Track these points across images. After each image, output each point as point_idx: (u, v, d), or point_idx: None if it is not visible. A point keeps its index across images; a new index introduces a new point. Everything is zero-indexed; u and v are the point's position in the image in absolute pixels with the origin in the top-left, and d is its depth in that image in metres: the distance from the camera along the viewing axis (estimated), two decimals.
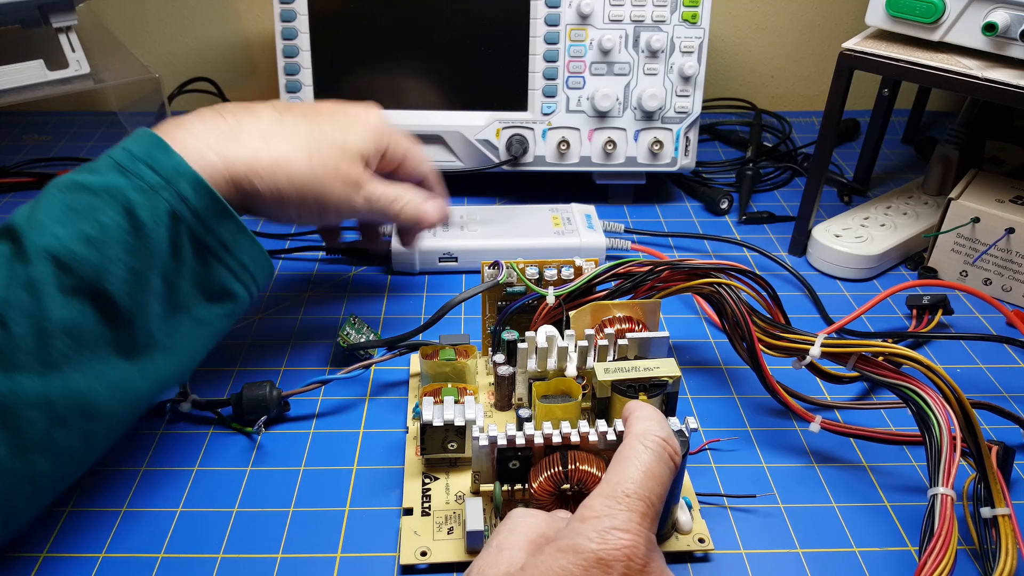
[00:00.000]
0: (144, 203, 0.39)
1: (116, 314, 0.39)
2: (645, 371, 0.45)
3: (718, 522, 0.44)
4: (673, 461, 0.36)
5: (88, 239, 0.38)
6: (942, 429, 0.41)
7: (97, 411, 0.38)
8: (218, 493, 0.45)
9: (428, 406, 0.45)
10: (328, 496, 0.46)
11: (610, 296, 0.51)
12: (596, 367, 0.46)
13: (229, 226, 0.42)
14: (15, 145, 0.87)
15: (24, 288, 0.37)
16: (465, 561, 0.41)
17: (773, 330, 0.48)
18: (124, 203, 0.39)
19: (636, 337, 0.48)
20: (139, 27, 0.93)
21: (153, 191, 0.40)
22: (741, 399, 0.53)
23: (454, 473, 0.46)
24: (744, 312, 0.48)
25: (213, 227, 0.42)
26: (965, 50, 0.58)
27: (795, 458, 0.49)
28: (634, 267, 0.51)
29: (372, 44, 0.71)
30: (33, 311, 0.37)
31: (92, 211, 0.39)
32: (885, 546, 0.43)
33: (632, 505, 0.33)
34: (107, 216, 0.39)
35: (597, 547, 0.31)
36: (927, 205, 0.72)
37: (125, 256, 0.39)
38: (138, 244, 0.39)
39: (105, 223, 0.38)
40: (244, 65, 0.96)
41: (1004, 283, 0.63)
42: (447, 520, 0.43)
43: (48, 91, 0.67)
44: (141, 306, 0.39)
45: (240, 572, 0.41)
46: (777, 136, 0.90)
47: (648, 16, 0.70)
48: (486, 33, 0.71)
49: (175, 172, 0.40)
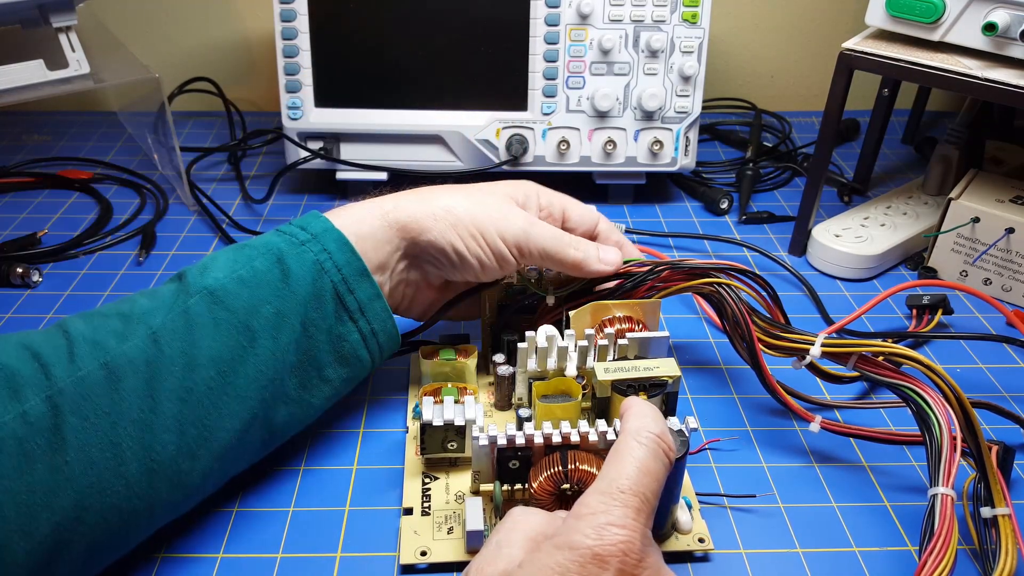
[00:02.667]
0: (292, 253, 0.44)
1: (260, 354, 0.41)
2: (645, 371, 0.45)
3: (718, 522, 0.44)
4: (668, 457, 0.36)
5: (241, 280, 0.42)
6: (942, 429, 0.41)
7: (219, 451, 0.41)
8: (218, 493, 0.45)
9: (428, 406, 0.45)
10: (328, 496, 0.46)
11: (610, 296, 0.51)
12: (596, 367, 0.46)
13: (366, 288, 0.45)
14: (15, 145, 0.87)
15: (181, 316, 0.40)
16: (465, 561, 0.41)
17: (773, 330, 0.48)
18: (276, 253, 0.44)
19: (636, 337, 0.48)
20: (139, 27, 0.93)
21: (301, 244, 0.44)
22: (741, 399, 0.53)
23: (454, 472, 0.46)
24: (744, 312, 0.48)
25: (353, 286, 0.45)
26: (965, 50, 0.58)
27: (795, 458, 0.49)
28: (634, 267, 0.51)
29: (372, 44, 0.71)
30: (185, 336, 0.40)
31: (248, 260, 0.43)
32: (885, 546, 0.43)
33: (627, 501, 0.33)
34: (260, 262, 0.43)
35: (593, 543, 0.31)
36: (927, 205, 0.72)
37: (273, 298, 0.42)
38: (284, 289, 0.43)
39: (257, 267, 0.43)
40: (244, 65, 0.96)
41: (1004, 283, 0.63)
42: (447, 520, 0.43)
43: (48, 91, 0.67)
44: (282, 350, 0.42)
45: (240, 572, 0.41)
46: (777, 136, 0.90)
47: (648, 16, 0.70)
48: (486, 33, 0.71)
49: (323, 230, 0.45)
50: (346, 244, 0.45)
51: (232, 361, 0.41)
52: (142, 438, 0.37)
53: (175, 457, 0.39)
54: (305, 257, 0.44)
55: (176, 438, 0.39)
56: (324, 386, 0.45)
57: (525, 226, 0.47)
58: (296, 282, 0.43)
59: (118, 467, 0.37)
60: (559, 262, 0.48)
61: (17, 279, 0.64)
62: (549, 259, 0.48)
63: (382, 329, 0.46)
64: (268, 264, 0.43)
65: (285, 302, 0.43)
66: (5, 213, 0.75)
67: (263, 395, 0.42)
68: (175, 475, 0.39)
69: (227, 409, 0.40)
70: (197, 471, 0.40)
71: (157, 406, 0.38)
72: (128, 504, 0.37)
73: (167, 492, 0.39)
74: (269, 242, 0.45)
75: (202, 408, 0.40)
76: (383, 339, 0.47)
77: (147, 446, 0.38)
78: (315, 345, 0.44)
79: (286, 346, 0.42)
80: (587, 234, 0.52)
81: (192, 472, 0.40)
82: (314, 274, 0.44)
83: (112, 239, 0.71)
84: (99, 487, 0.36)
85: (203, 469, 0.40)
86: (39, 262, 0.67)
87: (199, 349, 0.40)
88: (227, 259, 0.44)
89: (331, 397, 0.46)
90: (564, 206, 0.52)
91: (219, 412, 0.40)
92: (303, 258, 0.44)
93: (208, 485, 0.42)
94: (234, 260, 0.43)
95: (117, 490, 0.37)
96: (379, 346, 0.47)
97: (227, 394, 0.40)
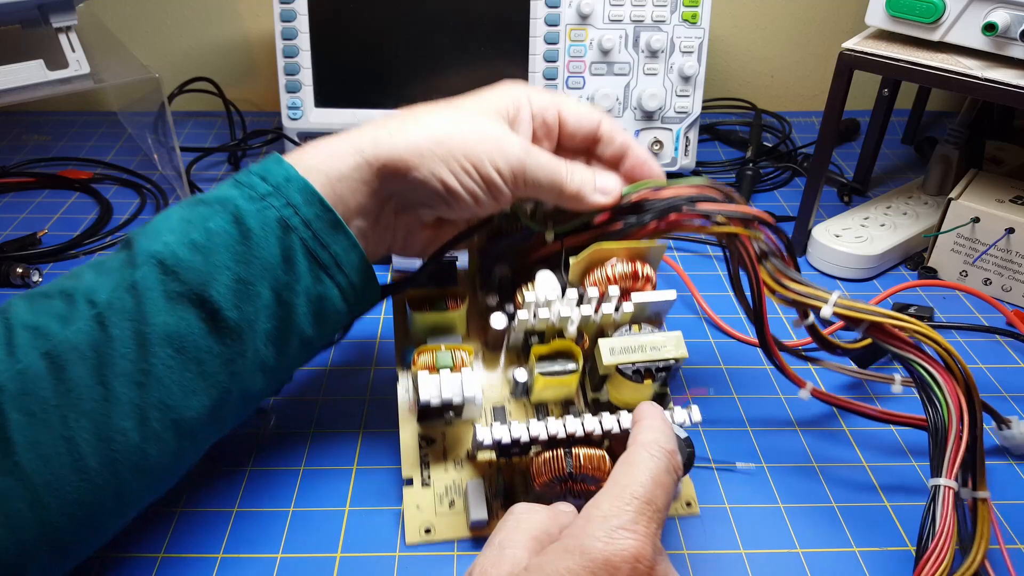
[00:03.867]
0: (252, 210, 0.38)
1: (223, 327, 0.37)
2: (652, 351, 0.42)
3: (718, 522, 0.44)
4: (676, 474, 0.36)
5: (195, 245, 0.37)
6: (951, 413, 0.40)
7: (190, 429, 0.37)
8: (218, 493, 0.45)
9: (425, 382, 0.42)
10: (328, 496, 0.46)
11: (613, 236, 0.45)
12: (600, 346, 0.42)
13: (341, 241, 0.40)
14: (15, 145, 0.87)
15: (128, 291, 0.36)
16: (468, 538, 0.42)
17: (783, 278, 0.43)
18: (233, 211, 0.38)
19: (642, 301, 0.44)
20: (139, 27, 0.93)
21: (262, 198, 0.39)
22: (741, 399, 0.53)
23: (450, 431, 0.46)
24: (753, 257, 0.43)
25: (326, 240, 0.39)
26: (965, 50, 0.58)
27: (795, 458, 0.49)
28: (649, 192, 0.44)
29: (372, 44, 0.71)
30: (135, 314, 0.36)
31: (202, 219, 0.38)
32: (885, 546, 0.43)
33: (640, 508, 0.33)
34: (215, 223, 0.38)
35: (603, 546, 0.31)
36: (927, 205, 0.72)
37: (232, 264, 0.37)
38: (246, 252, 0.38)
39: (212, 229, 0.38)
40: (244, 65, 0.96)
41: (1004, 283, 0.63)
42: (447, 492, 0.44)
43: (48, 91, 0.67)
44: (249, 320, 0.38)
45: (240, 572, 0.41)
46: (777, 136, 0.90)
47: (648, 16, 0.70)
48: (486, 33, 0.71)
49: (285, 179, 0.39)
50: (313, 195, 0.39)
51: (190, 337, 0.37)
52: (97, 429, 0.35)
53: (139, 444, 0.36)
54: (267, 214, 0.38)
55: (136, 424, 0.35)
56: (306, 348, 0.41)
57: (521, 154, 0.41)
58: (259, 244, 0.38)
59: (75, 462, 0.34)
60: (556, 195, 0.43)
61: (17, 279, 0.64)
62: (545, 192, 0.42)
63: (361, 281, 0.42)
64: (224, 224, 0.38)
65: (249, 267, 0.38)
66: (5, 213, 0.75)
67: (233, 369, 0.38)
68: (141, 461, 0.36)
69: (191, 387, 0.37)
70: (167, 453, 0.37)
71: (110, 393, 0.35)
72: (92, 497, 0.35)
73: (135, 480, 0.36)
74: (225, 197, 0.39)
75: (162, 389, 0.36)
76: (363, 292, 0.42)
77: (104, 437, 0.35)
78: (291, 310, 0.39)
79: (253, 316, 0.38)
80: (588, 139, 0.46)
81: (162, 455, 0.37)
82: (279, 233, 0.38)
83: (112, 239, 0.71)
84: (56, 484, 0.34)
85: (173, 451, 0.37)
86: (39, 262, 0.67)
87: (151, 327, 0.36)
88: (179, 219, 0.38)
89: (309, 358, 0.43)
90: (559, 108, 0.45)
91: (183, 391, 0.37)
92: (265, 215, 0.38)
93: (182, 465, 0.39)
94: (187, 221, 0.38)
95: (78, 485, 0.34)
96: (359, 299, 0.42)
97: (189, 372, 0.37)
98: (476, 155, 0.40)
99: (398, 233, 0.44)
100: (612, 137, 0.46)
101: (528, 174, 0.41)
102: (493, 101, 0.43)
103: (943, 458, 0.39)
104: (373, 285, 0.43)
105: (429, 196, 0.41)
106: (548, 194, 0.42)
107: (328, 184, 0.39)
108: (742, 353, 0.57)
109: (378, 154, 0.40)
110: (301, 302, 0.39)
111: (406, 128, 0.40)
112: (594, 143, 0.46)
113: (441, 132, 0.40)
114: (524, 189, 0.42)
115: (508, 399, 0.46)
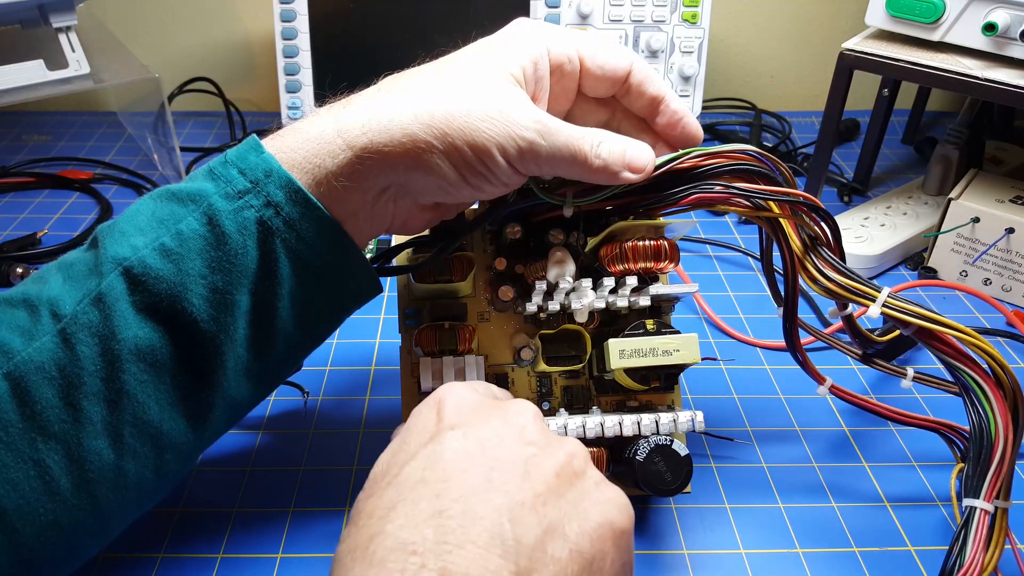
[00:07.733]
0: (228, 210, 0.34)
1: (199, 339, 0.34)
2: (663, 355, 0.41)
3: (717, 522, 0.44)
4: None
5: (165, 250, 0.33)
6: (998, 431, 0.37)
7: (171, 442, 0.35)
8: (218, 493, 0.45)
9: (427, 371, 0.41)
10: (328, 496, 0.46)
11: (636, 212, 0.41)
12: (610, 346, 0.41)
13: (330, 238, 0.36)
14: (15, 145, 0.87)
15: (93, 304, 0.33)
16: None
17: (828, 267, 0.39)
18: (207, 211, 0.34)
19: (663, 294, 0.42)
20: (139, 27, 0.93)
21: (239, 196, 0.34)
22: (741, 399, 0.53)
23: None
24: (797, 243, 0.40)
25: (313, 241, 0.35)
26: (965, 50, 0.58)
27: (795, 458, 0.49)
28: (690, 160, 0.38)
29: (372, 44, 0.71)
30: (102, 329, 0.33)
31: (174, 220, 0.34)
32: (885, 546, 0.43)
33: None
34: (187, 224, 0.34)
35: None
36: (927, 205, 0.72)
37: (207, 272, 0.34)
38: (221, 258, 0.34)
39: (184, 232, 0.34)
40: (244, 65, 0.96)
41: (1004, 283, 0.63)
42: None
43: (48, 91, 0.67)
44: (227, 330, 0.34)
45: (240, 572, 0.41)
46: (777, 136, 0.90)
47: (648, 16, 0.70)
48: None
49: (265, 174, 0.35)
50: (298, 192, 0.35)
51: (163, 350, 0.34)
52: (68, 451, 0.32)
53: (115, 462, 0.33)
54: (245, 215, 0.34)
55: (110, 443, 0.33)
56: (293, 355, 0.38)
57: (534, 136, 0.36)
58: (236, 250, 0.34)
59: (46, 485, 0.32)
60: (578, 174, 0.37)
61: (17, 279, 0.64)
62: (565, 171, 0.37)
63: (356, 281, 0.38)
64: (197, 226, 0.34)
65: (225, 275, 0.34)
66: (5, 213, 0.75)
67: (211, 380, 0.35)
68: (119, 479, 0.34)
69: (168, 401, 0.34)
70: (148, 468, 0.34)
71: (80, 414, 0.32)
72: (69, 519, 0.33)
73: (115, 497, 0.34)
74: (199, 192, 0.34)
75: (136, 406, 0.33)
76: (359, 291, 0.39)
77: (76, 458, 0.32)
78: (274, 315, 0.36)
79: (231, 324, 0.35)
80: (615, 88, 0.40)
81: (142, 470, 0.34)
82: (259, 236, 0.34)
83: None
84: (27, 509, 0.32)
85: (154, 465, 0.35)
86: (39, 262, 0.67)
87: (120, 343, 0.33)
88: (149, 217, 0.34)
89: (301, 359, 0.41)
90: (582, 54, 0.39)
91: (159, 405, 0.34)
92: (242, 216, 0.34)
93: (168, 477, 0.36)
94: (158, 220, 0.34)
95: (51, 508, 0.32)
96: (353, 297, 0.39)
97: (164, 385, 0.34)
98: (481, 142, 0.35)
99: (396, 218, 0.39)
100: (643, 89, 0.40)
101: (543, 155, 0.36)
102: (505, 60, 0.38)
103: (984, 477, 0.37)
104: (370, 281, 0.39)
105: (428, 187, 0.37)
106: (568, 172, 0.38)
107: (313, 179, 0.35)
108: (742, 353, 0.57)
109: (369, 147, 0.35)
110: (284, 306, 0.36)
111: (400, 111, 0.35)
112: (623, 93, 0.41)
113: (440, 115, 0.35)
114: (539, 170, 0.37)
115: (511, 367, 0.45)
